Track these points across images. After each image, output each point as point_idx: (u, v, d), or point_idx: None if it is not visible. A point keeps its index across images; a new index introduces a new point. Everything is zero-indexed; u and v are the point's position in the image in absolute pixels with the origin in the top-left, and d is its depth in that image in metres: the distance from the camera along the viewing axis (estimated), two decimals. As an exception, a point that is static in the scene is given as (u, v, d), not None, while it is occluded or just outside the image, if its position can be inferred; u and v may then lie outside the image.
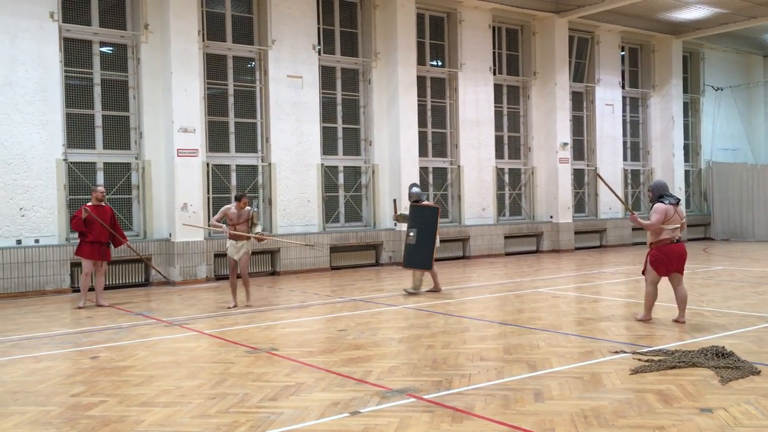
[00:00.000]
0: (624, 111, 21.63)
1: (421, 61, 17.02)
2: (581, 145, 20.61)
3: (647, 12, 19.79)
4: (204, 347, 7.45)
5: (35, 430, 4.77)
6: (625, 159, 21.66)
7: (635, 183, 22.04)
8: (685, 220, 8.53)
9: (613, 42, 20.87)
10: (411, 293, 11.09)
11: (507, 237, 18.34)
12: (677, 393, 5.26)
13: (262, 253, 14.43)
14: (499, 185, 18.71)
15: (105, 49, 13.32)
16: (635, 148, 22.28)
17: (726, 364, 5.97)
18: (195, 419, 4.91)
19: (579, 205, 20.44)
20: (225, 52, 14.49)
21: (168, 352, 7.22)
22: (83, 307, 10.37)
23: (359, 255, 15.81)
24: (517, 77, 19.21)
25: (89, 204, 10.59)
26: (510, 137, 19.19)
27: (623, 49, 21.56)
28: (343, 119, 16.19)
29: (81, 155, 12.88)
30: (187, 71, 13.25)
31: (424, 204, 11.56)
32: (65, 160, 12.57)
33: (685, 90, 23.02)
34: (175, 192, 13.10)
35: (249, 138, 14.83)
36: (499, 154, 18.75)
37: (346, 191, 16.09)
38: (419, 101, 16.74)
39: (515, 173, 19.29)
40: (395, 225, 15.68)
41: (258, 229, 10.17)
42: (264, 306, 10.35)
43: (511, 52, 19.18)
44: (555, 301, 10.21)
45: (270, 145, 14.75)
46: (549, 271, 14.49)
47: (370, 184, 16.33)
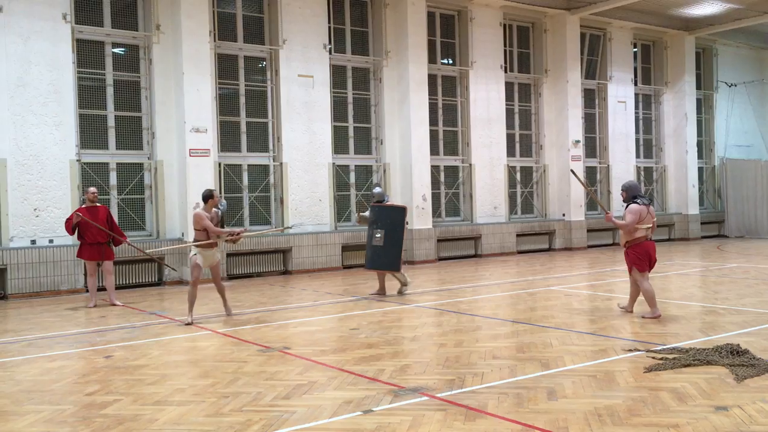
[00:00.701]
0: (636, 108, 21.50)
1: (432, 60, 17.00)
2: (593, 143, 20.51)
3: (659, 8, 19.66)
4: (217, 346, 7.48)
5: (50, 428, 4.81)
6: (638, 156, 21.54)
7: (648, 180, 21.92)
8: (656, 219, 8.82)
9: (626, 38, 20.76)
10: (401, 292, 11.01)
11: (519, 235, 18.29)
12: (692, 391, 5.23)
13: (274, 253, 14.46)
14: (511, 183, 18.65)
15: (117, 50, 13.39)
16: (648, 145, 22.15)
17: (741, 361, 5.93)
18: (208, 418, 4.92)
19: (592, 203, 20.34)
20: (236, 52, 14.53)
21: (181, 351, 7.25)
22: (95, 307, 10.46)
23: (371, 254, 15.80)
24: (529, 75, 19.14)
25: (83, 206, 10.68)
26: (521, 135, 19.13)
27: (635, 46, 21.43)
28: (355, 118, 16.20)
29: (94, 156, 12.96)
30: (199, 71, 13.30)
31: (390, 204, 11.35)
32: (78, 160, 12.65)
33: (698, 86, 22.85)
34: (188, 192, 13.15)
35: (260, 137, 14.87)
36: (511, 152, 18.69)
37: (357, 190, 16.10)
38: (430, 99, 16.72)
39: (527, 171, 19.23)
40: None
41: (228, 230, 9.36)
42: (276, 305, 10.37)
43: (523, 49, 19.12)
44: (568, 300, 10.17)
45: (281, 145, 14.79)
46: (562, 269, 14.43)
47: (381, 182, 16.32)
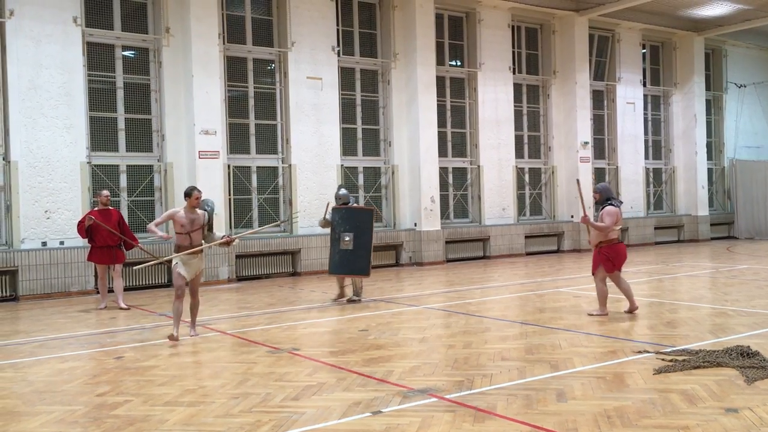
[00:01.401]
0: (645, 109, 21.44)
1: (441, 61, 17.01)
2: (602, 144, 20.46)
3: (668, 9, 19.60)
4: (226, 347, 7.51)
5: (62, 429, 4.84)
6: (647, 158, 21.47)
7: (657, 182, 21.84)
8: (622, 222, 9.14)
9: (634, 40, 20.70)
10: (354, 300, 10.49)
11: (528, 237, 18.26)
12: (702, 393, 5.21)
13: (282, 254, 14.50)
14: (520, 185, 18.63)
15: (127, 53, 13.46)
16: (657, 146, 22.07)
17: (751, 363, 5.91)
18: (218, 419, 4.95)
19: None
20: (245, 54, 14.58)
21: (191, 352, 7.29)
22: (106, 308, 10.52)
23: (379, 255, 15.81)
24: (537, 76, 19.12)
25: (95, 209, 10.67)
26: (530, 136, 19.10)
27: (644, 47, 21.37)
28: (363, 120, 16.22)
29: (104, 158, 13.04)
30: (208, 74, 13.36)
31: (357, 206, 11.01)
32: (89, 162, 12.72)
33: (708, 87, 22.76)
34: (197, 194, 13.18)
35: (269, 139, 14.91)
36: (519, 153, 18.67)
37: (366, 192, 16.12)
38: (439, 101, 16.72)
39: (535, 173, 19.20)
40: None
41: (219, 235, 8.33)
42: (285, 306, 10.40)
43: (531, 51, 19.10)
44: (576, 301, 10.15)
45: (290, 147, 14.82)
46: (570, 271, 14.40)
47: (390, 184, 16.34)
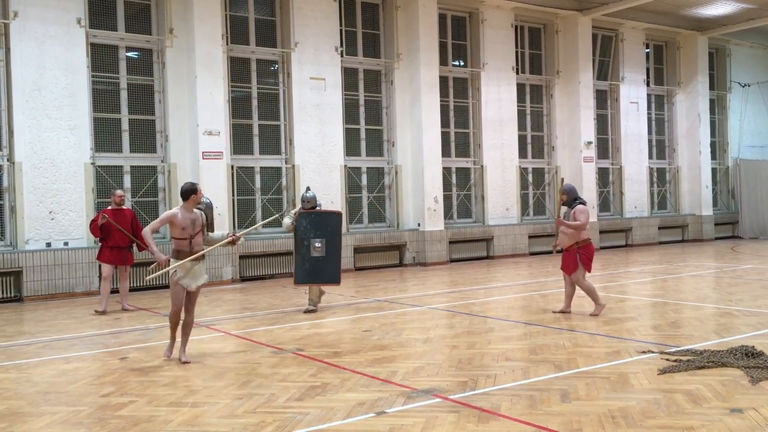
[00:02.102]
0: (649, 109, 21.40)
1: (444, 62, 17.00)
2: (606, 144, 20.43)
3: (672, 8, 19.57)
4: (230, 348, 7.52)
5: (66, 429, 4.85)
6: (651, 157, 21.43)
7: (661, 181, 21.81)
8: None
9: (638, 39, 20.67)
10: (311, 310, 9.73)
11: (531, 237, 18.24)
12: (706, 393, 5.20)
13: (286, 255, 14.48)
14: (523, 185, 18.61)
15: (131, 54, 13.49)
16: (661, 146, 22.03)
17: (756, 363, 5.90)
18: (223, 419, 4.96)
19: (604, 204, 20.27)
20: (248, 55, 14.60)
21: (195, 352, 7.29)
22: (104, 313, 10.06)
23: (383, 256, 15.83)
24: (540, 76, 19.10)
25: (109, 208, 10.44)
26: (533, 136, 19.09)
27: (648, 47, 21.33)
28: (366, 120, 16.22)
29: (108, 159, 13.06)
30: (212, 74, 13.38)
31: (326, 210, 10.52)
32: (93, 163, 12.75)
33: (712, 87, 22.71)
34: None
35: (273, 140, 14.92)
36: (523, 153, 18.65)
37: (369, 192, 16.12)
38: (442, 101, 16.72)
39: (539, 173, 19.18)
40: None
41: (220, 234, 7.47)
42: (289, 307, 10.40)
43: (534, 51, 19.08)
44: (580, 301, 10.12)
45: (293, 147, 14.83)
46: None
47: (393, 184, 16.34)
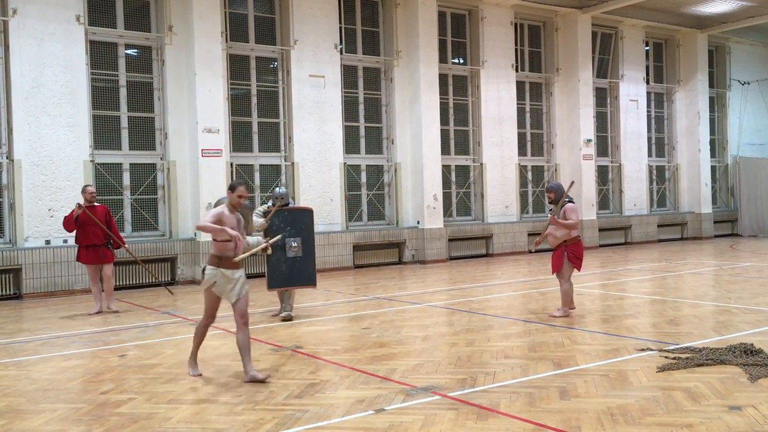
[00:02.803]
0: (649, 106, 21.39)
1: (443, 59, 16.99)
2: (605, 142, 20.43)
3: (671, 6, 19.56)
4: (230, 345, 7.51)
5: (65, 427, 4.85)
6: (650, 155, 21.43)
7: (660, 179, 21.81)
8: None
9: (637, 37, 20.66)
10: (290, 317, 8.94)
11: (530, 234, 18.22)
12: (705, 391, 5.21)
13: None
14: (522, 183, 18.61)
15: (130, 52, 13.48)
16: (660, 144, 22.03)
17: (755, 361, 5.90)
18: (222, 416, 4.96)
19: (603, 202, 20.27)
20: (248, 52, 14.58)
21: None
22: (99, 313, 9.85)
23: (382, 253, 15.83)
24: (540, 74, 19.10)
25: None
26: (533, 134, 19.09)
27: (647, 44, 21.32)
28: (366, 118, 16.22)
29: (107, 156, 13.06)
30: (211, 72, 13.37)
31: (297, 207, 9.86)
32: (92, 161, 12.74)
33: (711, 85, 22.71)
34: (200, 192, 13.22)
35: (272, 138, 14.92)
36: (522, 151, 18.65)
37: (368, 190, 16.12)
38: (441, 99, 16.71)
39: (538, 170, 19.18)
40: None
41: (255, 240, 6.49)
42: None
43: (534, 48, 19.07)
44: (580, 299, 10.13)
45: (293, 145, 14.83)
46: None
47: (392, 182, 16.34)
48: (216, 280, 5.94)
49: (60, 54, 12.31)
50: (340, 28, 15.53)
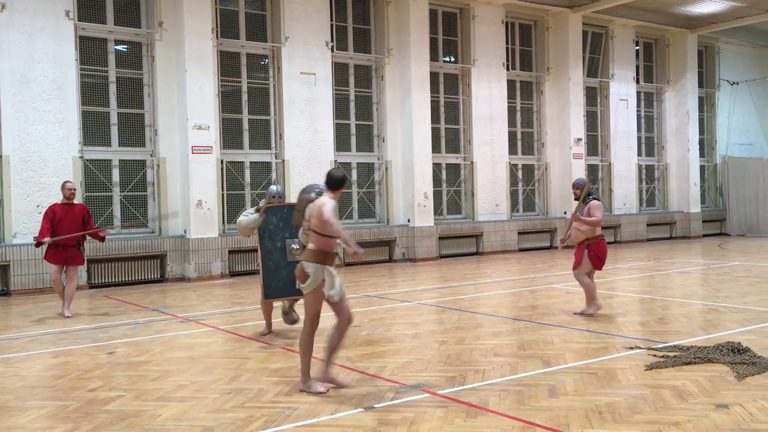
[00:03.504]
0: (638, 106, 21.48)
1: (434, 57, 17.00)
2: (595, 141, 20.50)
3: (662, 6, 19.64)
4: (219, 343, 7.50)
5: (53, 424, 4.83)
6: (640, 154, 21.52)
7: (650, 179, 21.92)
8: None
9: (628, 36, 20.73)
10: (296, 320, 7.82)
11: (520, 233, 18.29)
12: (692, 389, 5.24)
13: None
14: (513, 181, 18.65)
15: (120, 47, 13.40)
16: (650, 143, 22.13)
17: (742, 359, 5.95)
18: (211, 414, 4.95)
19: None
20: (239, 49, 14.54)
21: (184, 347, 7.28)
22: (70, 316, 9.30)
23: (372, 251, 15.82)
24: (531, 73, 19.14)
25: (58, 202, 9.58)
26: (523, 133, 19.13)
27: (637, 44, 21.40)
28: (356, 116, 16.21)
29: (97, 152, 12.99)
30: (202, 69, 13.32)
31: (291, 203, 8.28)
32: (81, 157, 12.67)
33: (701, 84, 22.82)
34: (190, 189, 13.18)
35: (263, 135, 14.89)
36: (513, 149, 18.69)
37: (359, 187, 16.11)
38: (432, 97, 16.72)
39: (528, 169, 19.23)
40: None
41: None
42: (278, 302, 10.36)
43: (525, 47, 19.10)
44: (569, 297, 10.18)
45: (283, 142, 14.80)
46: (563, 267, 14.43)
47: (383, 180, 16.34)
48: (325, 278, 5.42)
49: (49, 49, 12.23)
50: (331, 25, 15.50)
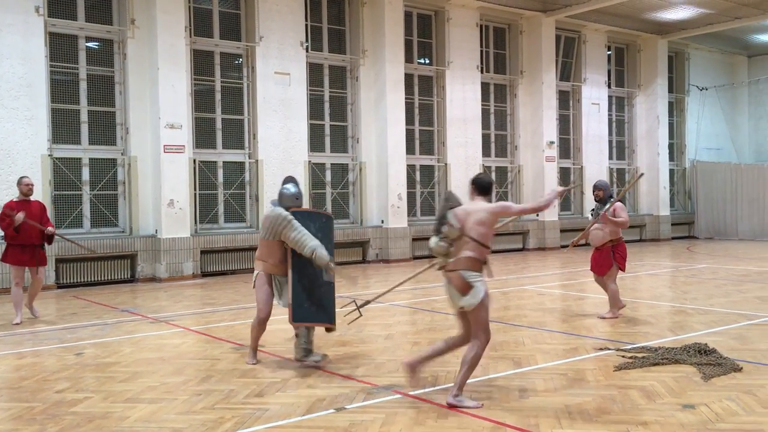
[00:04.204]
0: (610, 110, 21.74)
1: (409, 59, 17.03)
2: (567, 144, 20.71)
3: (633, 12, 19.91)
4: (190, 344, 7.44)
5: (19, 426, 4.75)
6: (611, 158, 21.79)
7: (621, 182, 22.18)
8: None
9: (600, 41, 20.98)
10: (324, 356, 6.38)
11: (493, 235, 18.33)
12: (660, 389, 5.32)
13: (248, 250, 14.33)
14: (486, 183, 18.71)
15: (91, 44, 13.23)
16: (621, 147, 22.42)
17: (708, 361, 6.05)
18: (180, 415, 4.90)
19: (565, 204, 20.54)
20: (212, 48, 14.43)
21: (154, 348, 7.20)
22: (20, 323, 8.71)
23: (346, 252, 15.79)
24: (505, 76, 19.27)
25: (14, 199, 8.95)
26: (497, 135, 19.25)
27: (609, 49, 21.67)
28: (331, 116, 16.18)
29: (66, 150, 12.79)
30: (174, 67, 13.20)
31: (313, 210, 7.95)
32: (50, 155, 12.47)
33: (671, 90, 23.18)
34: (162, 188, 13.05)
35: (236, 134, 14.79)
36: (486, 152, 18.80)
37: (333, 188, 16.08)
38: (407, 99, 16.75)
39: (502, 171, 19.36)
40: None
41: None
42: (250, 303, 10.31)
43: (499, 50, 19.24)
44: (540, 299, 10.27)
45: (257, 142, 14.72)
46: (535, 269, 14.57)
47: (357, 181, 16.32)
48: (480, 285, 5.12)
49: (18, 45, 12.02)
50: (306, 25, 15.46)
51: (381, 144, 16.21)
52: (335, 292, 6.56)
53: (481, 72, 18.41)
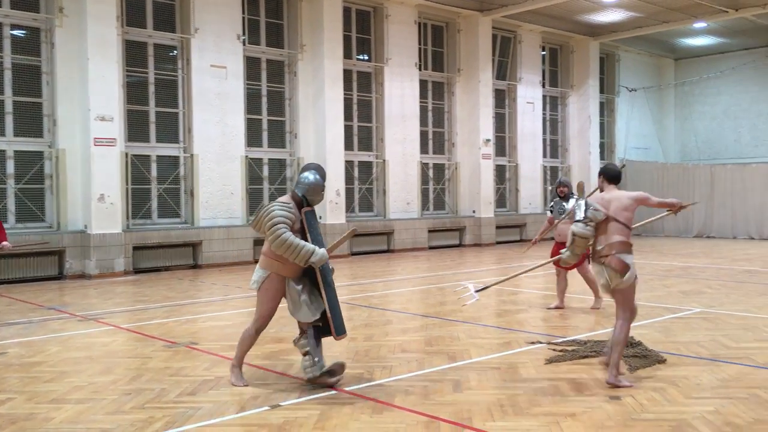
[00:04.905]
0: (544, 109, 22.23)
1: (348, 55, 17.01)
2: (503, 142, 21.06)
3: (567, 13, 20.39)
4: (120, 342, 7.25)
5: (-65, 430, 4.54)
6: (545, 156, 22.29)
7: (554, 179, 22.70)
8: None
9: (535, 42, 21.41)
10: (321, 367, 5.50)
11: (431, 231, 18.57)
12: (588, 381, 5.47)
13: (183, 246, 14.09)
14: (424, 180, 18.91)
15: (16, 32, 12.70)
16: (554, 145, 22.95)
17: (634, 353, 6.25)
18: (109, 416, 4.77)
19: (500, 201, 20.90)
20: (145, 39, 14.07)
21: (82, 347, 6.98)
22: None
23: (283, 248, 15.64)
24: (442, 73, 19.46)
25: None
26: (434, 132, 19.43)
27: (544, 49, 22.14)
28: (269, 111, 16.00)
29: (-11, 142, 12.28)
30: (105, 58, 12.80)
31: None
32: (-28, 147, 11.95)
33: (602, 90, 23.86)
34: (92, 182, 12.65)
35: (170, 128, 14.46)
36: (424, 149, 18.95)
37: (270, 184, 15.92)
38: (345, 95, 16.72)
39: (439, 168, 19.55)
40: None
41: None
42: (185, 300, 10.13)
43: (437, 48, 19.41)
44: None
45: (192, 136, 14.44)
46: (471, 265, 14.77)
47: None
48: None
49: (-64, 31, 11.47)
50: (243, 18, 15.24)
51: (319, 139, 16.14)
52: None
53: (420, 69, 18.54)
